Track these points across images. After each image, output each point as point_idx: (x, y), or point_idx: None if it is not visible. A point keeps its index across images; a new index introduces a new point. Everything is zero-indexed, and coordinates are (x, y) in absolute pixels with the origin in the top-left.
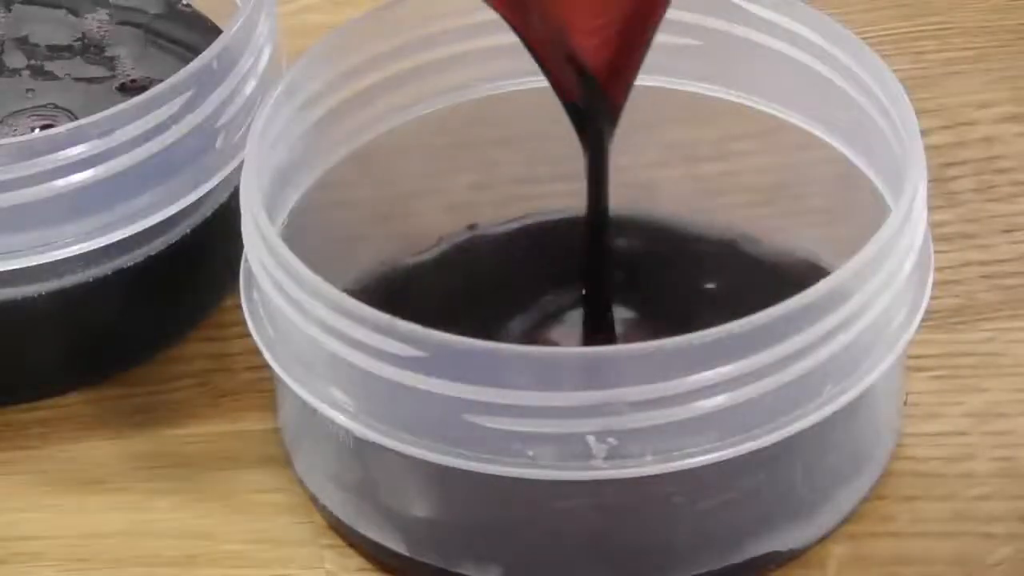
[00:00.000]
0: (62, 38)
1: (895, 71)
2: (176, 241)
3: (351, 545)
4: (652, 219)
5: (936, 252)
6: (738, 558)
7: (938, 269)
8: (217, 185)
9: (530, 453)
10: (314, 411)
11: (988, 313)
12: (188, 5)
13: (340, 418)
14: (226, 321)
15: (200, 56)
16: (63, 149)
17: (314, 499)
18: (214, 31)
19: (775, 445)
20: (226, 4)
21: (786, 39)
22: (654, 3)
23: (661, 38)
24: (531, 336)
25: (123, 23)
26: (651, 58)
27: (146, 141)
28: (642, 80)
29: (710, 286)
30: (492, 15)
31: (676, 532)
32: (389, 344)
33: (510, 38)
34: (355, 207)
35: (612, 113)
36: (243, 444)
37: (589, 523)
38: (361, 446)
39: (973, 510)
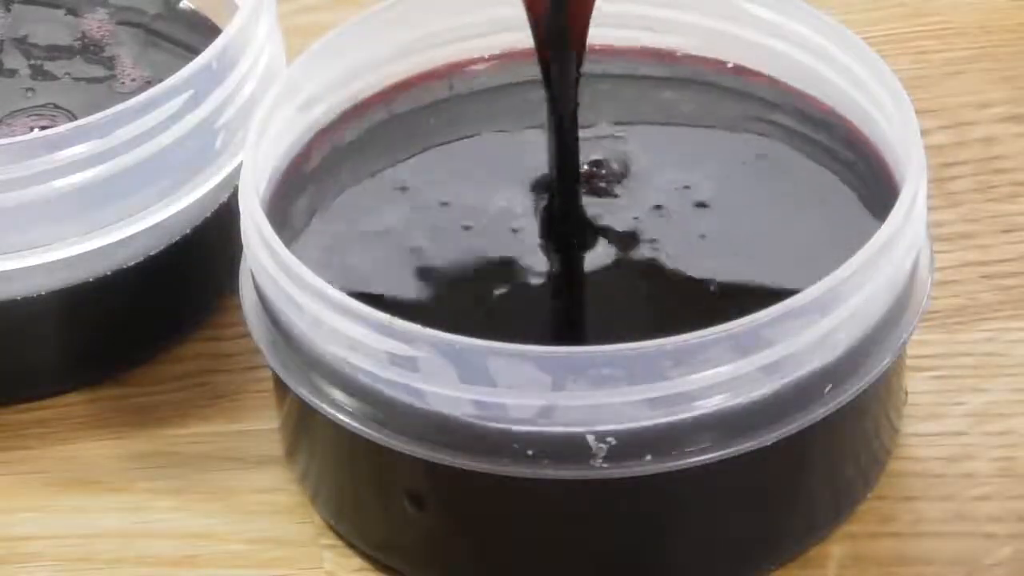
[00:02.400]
0: (62, 38)
1: (895, 71)
2: (176, 241)
3: (351, 545)
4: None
5: (936, 252)
6: (737, 558)
7: (938, 269)
8: (217, 185)
9: (530, 453)
10: (314, 411)
11: (988, 313)
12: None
13: (340, 418)
14: (226, 321)
15: (200, 56)
16: (63, 149)
17: (314, 499)
18: (214, 31)
19: (774, 445)
20: (226, 4)
21: (786, 39)
22: None
23: (662, 38)
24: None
25: (123, 23)
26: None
27: (146, 141)
28: None
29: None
30: (491, 15)
31: (675, 532)
32: (389, 344)
33: (511, 38)
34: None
35: (575, 35)
36: (243, 444)
37: (586, 523)
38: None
39: (973, 510)
